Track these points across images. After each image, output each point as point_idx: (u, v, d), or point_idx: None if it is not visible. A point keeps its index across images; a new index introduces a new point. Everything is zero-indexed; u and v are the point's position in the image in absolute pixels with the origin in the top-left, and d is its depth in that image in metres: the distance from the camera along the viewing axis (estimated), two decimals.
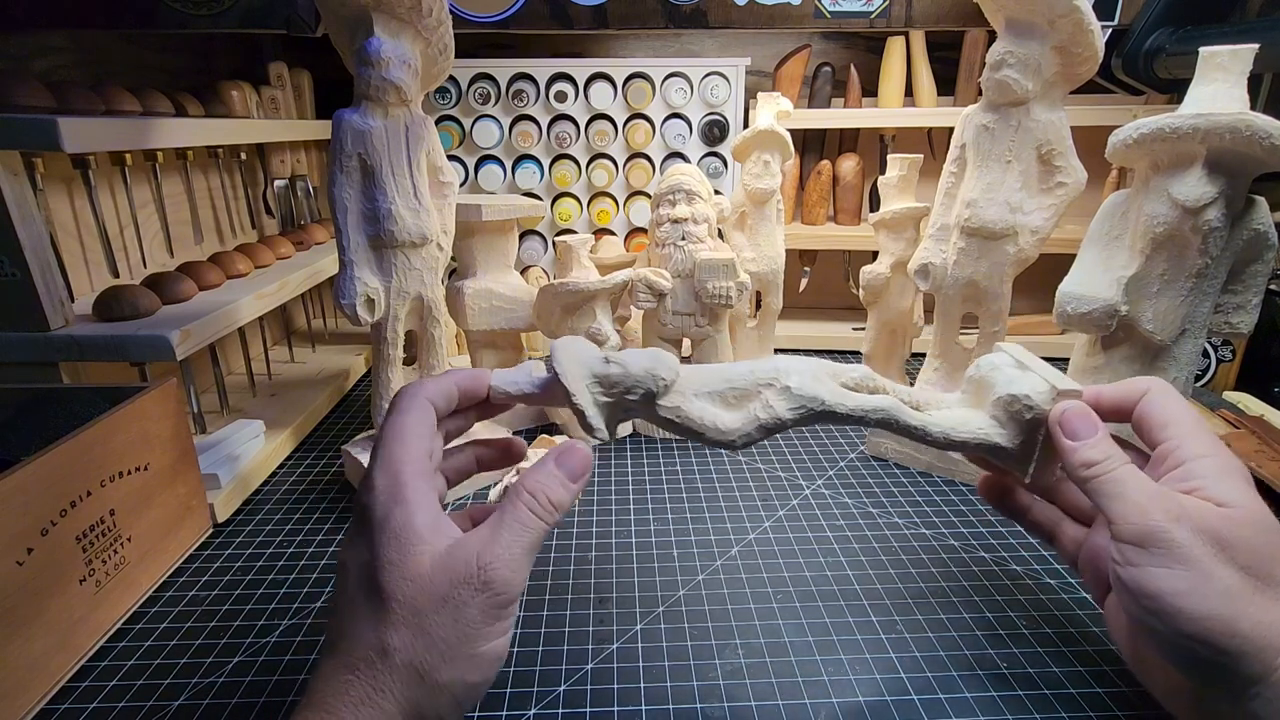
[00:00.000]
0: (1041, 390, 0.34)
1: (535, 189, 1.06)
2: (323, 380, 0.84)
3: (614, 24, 0.84)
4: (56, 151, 0.52)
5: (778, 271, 0.80)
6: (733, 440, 0.35)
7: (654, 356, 0.34)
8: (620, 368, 0.34)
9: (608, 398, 0.34)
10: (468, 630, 0.28)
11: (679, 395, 0.35)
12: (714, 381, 0.36)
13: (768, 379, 0.35)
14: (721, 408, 0.35)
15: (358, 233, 0.56)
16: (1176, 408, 0.33)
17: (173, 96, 0.76)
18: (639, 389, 0.34)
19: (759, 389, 0.35)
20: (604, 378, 0.34)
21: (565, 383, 0.33)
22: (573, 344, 0.35)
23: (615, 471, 0.66)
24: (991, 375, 0.36)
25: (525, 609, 0.48)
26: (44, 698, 0.40)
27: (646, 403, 0.34)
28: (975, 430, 0.36)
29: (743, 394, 0.35)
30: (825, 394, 0.34)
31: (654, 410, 0.34)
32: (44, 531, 0.40)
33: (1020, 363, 0.37)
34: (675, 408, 0.34)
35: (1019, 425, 0.35)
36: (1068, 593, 0.49)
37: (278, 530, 0.57)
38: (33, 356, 0.57)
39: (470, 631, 0.28)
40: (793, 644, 0.44)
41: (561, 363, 0.33)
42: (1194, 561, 0.28)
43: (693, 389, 0.35)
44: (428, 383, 0.33)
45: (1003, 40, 0.59)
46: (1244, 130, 0.45)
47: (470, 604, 0.28)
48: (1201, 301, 0.51)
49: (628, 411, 0.35)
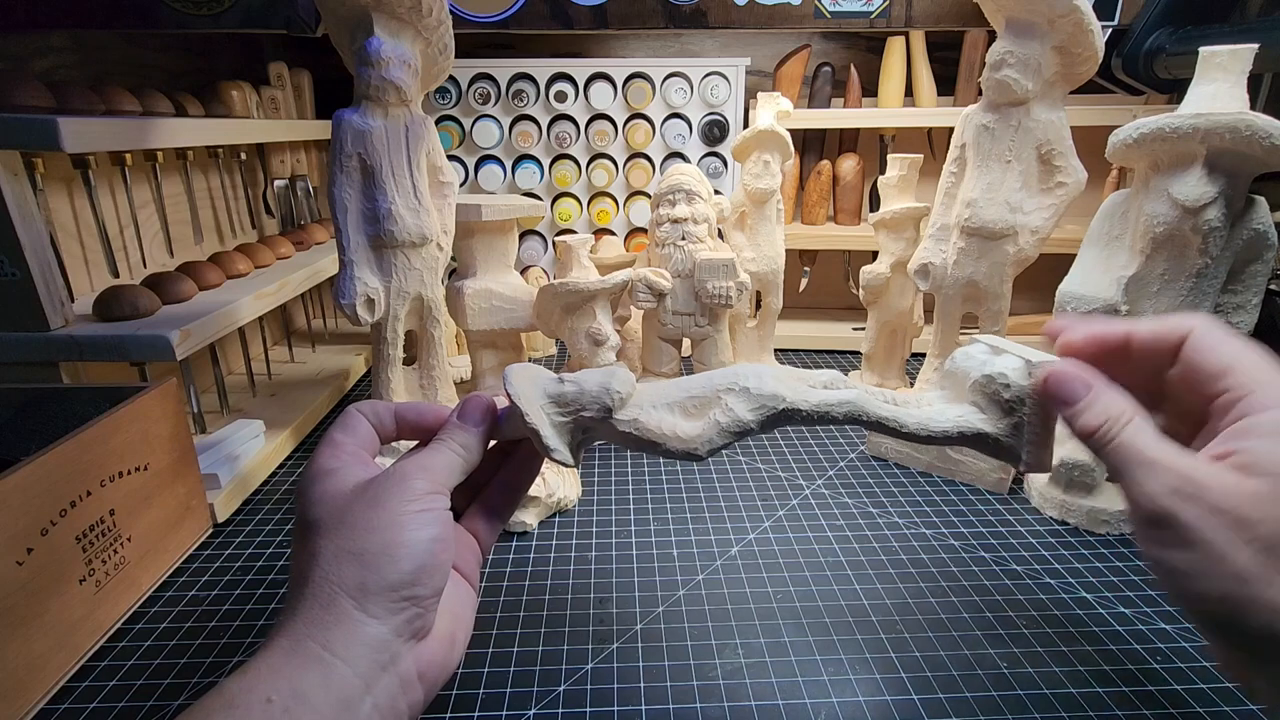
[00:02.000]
0: (1016, 367, 0.32)
1: (535, 189, 1.06)
2: (323, 380, 0.84)
3: (614, 24, 0.84)
4: (56, 151, 0.52)
5: (778, 271, 0.80)
6: (695, 449, 0.34)
7: (608, 373, 0.34)
8: (575, 385, 0.34)
9: (564, 417, 0.33)
10: (385, 515, 0.29)
11: (636, 408, 0.34)
12: (672, 393, 0.35)
13: (727, 384, 0.35)
14: (681, 417, 0.35)
15: (358, 233, 0.56)
16: (1230, 348, 0.28)
17: (173, 96, 0.76)
18: (595, 405, 0.33)
19: (719, 395, 0.34)
20: (558, 396, 0.34)
21: (519, 404, 0.32)
22: (526, 369, 0.35)
23: (615, 472, 0.66)
24: (966, 364, 0.35)
25: (525, 609, 0.48)
26: (44, 698, 0.40)
27: (603, 418, 0.33)
28: (955, 419, 0.34)
29: (703, 402, 0.35)
30: (786, 391, 0.34)
31: (612, 426, 0.34)
32: (44, 531, 0.40)
33: (995, 348, 0.35)
34: (633, 420, 0.34)
35: (999, 407, 0.33)
36: (1068, 593, 0.49)
37: (278, 530, 0.57)
38: (33, 356, 0.57)
39: (389, 517, 0.29)
40: (793, 644, 0.44)
41: (514, 385, 0.33)
42: (1204, 544, 0.25)
43: (650, 401, 0.35)
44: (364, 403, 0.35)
45: (1003, 40, 0.59)
46: (1244, 130, 0.45)
47: (388, 494, 0.29)
48: (1201, 301, 0.51)
49: (586, 431, 0.34)
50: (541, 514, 0.57)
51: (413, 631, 0.28)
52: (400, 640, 0.28)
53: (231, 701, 0.25)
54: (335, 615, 0.27)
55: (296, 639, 0.26)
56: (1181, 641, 0.44)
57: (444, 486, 0.31)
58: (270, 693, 0.25)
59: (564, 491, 0.59)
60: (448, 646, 0.30)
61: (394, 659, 0.28)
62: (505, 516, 0.37)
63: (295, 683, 0.25)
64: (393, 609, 0.28)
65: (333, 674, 0.26)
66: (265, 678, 0.25)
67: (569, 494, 0.60)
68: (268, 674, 0.25)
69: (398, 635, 0.28)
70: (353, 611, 0.27)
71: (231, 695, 0.25)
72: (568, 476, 0.61)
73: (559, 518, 0.59)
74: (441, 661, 0.30)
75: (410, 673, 0.28)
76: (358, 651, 0.26)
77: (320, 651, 0.26)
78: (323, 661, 0.26)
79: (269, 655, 0.26)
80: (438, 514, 0.30)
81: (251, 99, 0.90)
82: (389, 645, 0.27)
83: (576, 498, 0.61)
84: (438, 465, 0.31)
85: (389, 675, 0.27)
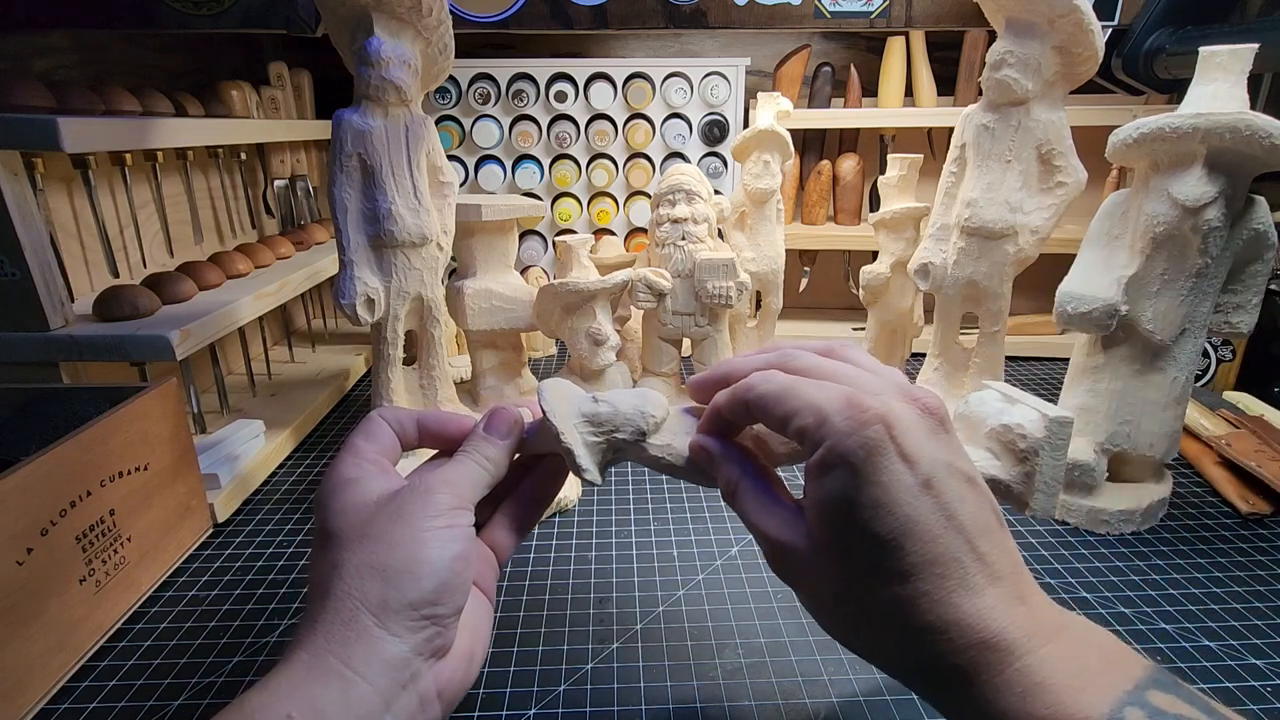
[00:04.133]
0: (1033, 419, 0.34)
1: (535, 189, 1.06)
2: (323, 380, 0.84)
3: (614, 24, 0.84)
4: (56, 151, 0.52)
5: (778, 271, 0.80)
6: None
7: (642, 395, 0.34)
8: (610, 406, 0.33)
9: (597, 437, 0.33)
10: (409, 531, 0.28)
11: (670, 433, 0.34)
12: None
13: None
14: None
15: (358, 232, 0.56)
16: (778, 384, 0.29)
17: (173, 96, 0.76)
18: (628, 426, 0.33)
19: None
20: (593, 416, 0.33)
21: (554, 421, 0.32)
22: (561, 385, 0.34)
23: (615, 472, 0.66)
24: (982, 410, 0.36)
25: (525, 609, 0.48)
26: (44, 698, 0.40)
27: (636, 441, 0.33)
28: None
29: None
30: None
31: (644, 449, 0.33)
32: (44, 531, 0.40)
33: (1007, 396, 0.37)
34: (666, 445, 0.33)
35: (1014, 456, 0.34)
36: (1068, 593, 0.49)
37: (278, 530, 0.57)
38: (33, 356, 0.57)
39: (411, 533, 0.28)
40: (793, 644, 0.44)
41: (549, 401, 0.33)
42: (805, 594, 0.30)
43: (685, 428, 0.34)
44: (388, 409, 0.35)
45: (1003, 40, 0.59)
46: (1244, 130, 0.45)
47: (411, 509, 0.29)
48: (1201, 301, 0.51)
49: (617, 452, 0.34)
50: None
51: (433, 650, 0.28)
52: (420, 659, 0.28)
53: (251, 717, 0.25)
54: (356, 631, 0.27)
55: (317, 653, 0.26)
56: (1182, 641, 0.44)
57: (468, 501, 0.31)
58: (290, 709, 0.25)
59: (564, 491, 0.59)
60: (466, 664, 0.30)
61: (414, 677, 0.27)
62: (526, 530, 0.36)
63: (315, 699, 0.25)
64: (413, 627, 0.27)
65: (352, 691, 0.26)
66: (286, 693, 0.25)
67: (569, 494, 0.60)
68: (288, 689, 0.25)
69: (418, 654, 0.28)
70: (374, 629, 0.27)
71: (251, 710, 0.25)
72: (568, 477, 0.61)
73: (559, 518, 0.59)
74: (460, 679, 0.30)
75: (429, 691, 0.28)
76: (378, 669, 0.26)
77: (340, 668, 0.26)
78: (343, 678, 0.26)
79: (289, 670, 0.26)
80: (461, 530, 0.30)
81: (251, 99, 0.90)
82: (409, 664, 0.27)
83: (576, 498, 0.61)
84: (462, 479, 0.31)
85: (408, 693, 0.27)
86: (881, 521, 0.25)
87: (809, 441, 0.27)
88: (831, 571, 0.27)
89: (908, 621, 0.25)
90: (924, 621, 0.25)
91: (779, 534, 0.29)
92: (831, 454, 0.26)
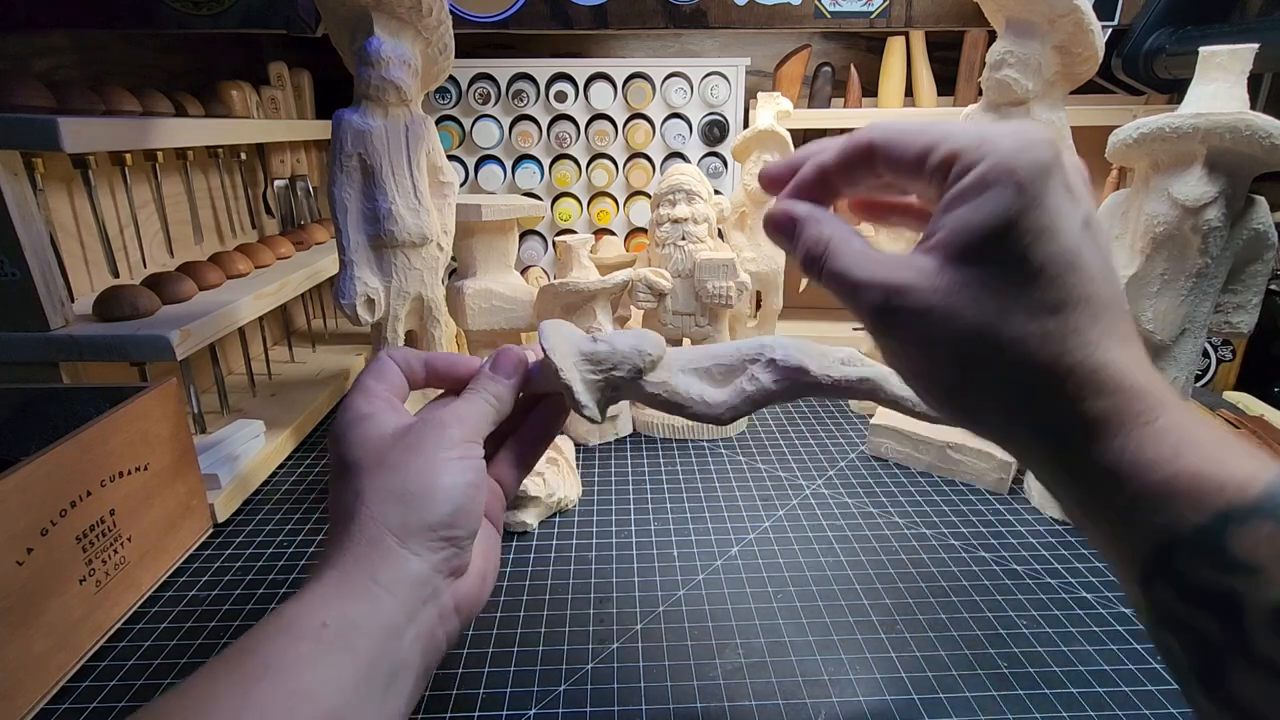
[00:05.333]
0: None
1: (535, 189, 1.06)
2: (323, 380, 0.84)
3: (614, 24, 0.84)
4: (56, 151, 0.52)
5: (778, 271, 0.80)
6: (720, 414, 0.35)
7: (640, 335, 0.35)
8: (608, 345, 0.35)
9: (595, 375, 0.34)
10: (424, 461, 0.30)
11: (665, 371, 0.35)
12: (701, 359, 0.36)
13: (754, 354, 0.36)
14: (708, 383, 0.36)
15: (358, 232, 0.56)
16: (913, 126, 0.26)
17: (173, 96, 0.76)
18: (626, 364, 0.34)
19: (745, 364, 0.36)
20: (592, 355, 0.34)
21: (554, 359, 0.33)
22: (561, 325, 0.36)
23: (615, 471, 0.66)
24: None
25: (525, 609, 0.48)
26: (44, 698, 0.40)
27: (634, 379, 0.35)
28: None
29: (729, 370, 0.36)
30: (810, 364, 0.35)
31: (641, 387, 0.35)
32: (44, 531, 0.40)
33: None
34: (663, 382, 0.35)
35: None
36: (1068, 592, 0.49)
37: (278, 530, 0.57)
38: (33, 356, 0.57)
39: (427, 463, 0.30)
40: (793, 644, 0.44)
41: (550, 340, 0.34)
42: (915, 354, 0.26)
43: (679, 365, 0.36)
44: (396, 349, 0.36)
45: (1003, 40, 0.59)
46: (1244, 130, 0.45)
47: (425, 441, 0.31)
48: (1201, 301, 0.51)
49: (616, 390, 0.35)
50: (542, 514, 0.57)
51: (451, 569, 0.30)
52: (440, 576, 0.30)
53: (290, 625, 0.26)
54: (381, 551, 0.28)
55: (345, 571, 0.28)
56: None
57: (478, 435, 0.32)
58: (325, 618, 0.26)
59: (564, 491, 0.59)
60: (479, 582, 0.32)
61: (435, 593, 0.29)
62: (530, 464, 0.38)
63: (347, 611, 0.27)
64: (433, 547, 0.29)
65: (380, 604, 0.27)
66: (320, 606, 0.27)
67: (569, 494, 0.60)
68: (321, 602, 0.27)
69: (437, 571, 0.29)
70: (397, 548, 0.28)
71: (290, 619, 0.26)
72: (568, 476, 0.61)
73: (559, 518, 0.59)
74: (475, 596, 0.32)
75: (448, 605, 0.30)
76: (402, 585, 0.28)
77: (368, 583, 0.28)
78: (371, 593, 0.27)
79: (320, 585, 0.28)
80: (473, 462, 0.31)
81: (251, 99, 0.90)
82: (430, 580, 0.29)
83: (576, 498, 0.61)
84: (471, 415, 0.33)
85: (429, 608, 0.29)
86: (1044, 247, 0.23)
87: (961, 164, 0.24)
88: (963, 307, 0.24)
89: (1055, 360, 0.23)
90: (1073, 360, 0.23)
91: (892, 275, 0.25)
92: (995, 169, 0.23)
